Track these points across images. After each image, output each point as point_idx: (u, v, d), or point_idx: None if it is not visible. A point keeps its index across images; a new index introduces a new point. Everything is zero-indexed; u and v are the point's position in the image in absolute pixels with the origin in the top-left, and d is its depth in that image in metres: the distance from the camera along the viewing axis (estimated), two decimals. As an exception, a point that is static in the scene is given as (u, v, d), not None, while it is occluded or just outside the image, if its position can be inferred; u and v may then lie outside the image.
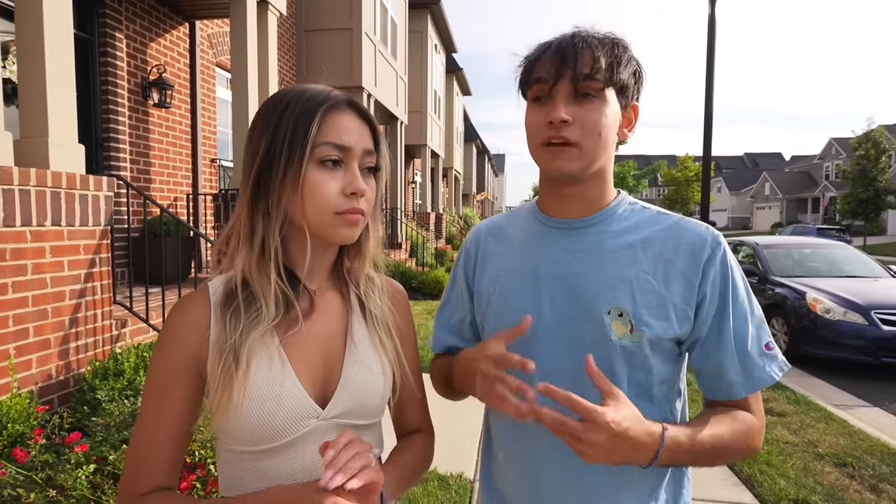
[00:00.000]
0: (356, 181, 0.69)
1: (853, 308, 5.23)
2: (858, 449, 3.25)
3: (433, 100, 14.57)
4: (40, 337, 2.52)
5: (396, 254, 10.01)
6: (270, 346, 0.68)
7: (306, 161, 0.67)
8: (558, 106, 0.74)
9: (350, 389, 0.73)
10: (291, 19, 8.03)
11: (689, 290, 0.77)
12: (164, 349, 0.69)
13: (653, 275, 0.77)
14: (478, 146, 33.21)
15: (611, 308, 0.76)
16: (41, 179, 2.45)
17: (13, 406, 2.09)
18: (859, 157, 25.36)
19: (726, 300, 0.77)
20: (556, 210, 0.84)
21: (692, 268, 0.77)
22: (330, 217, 0.69)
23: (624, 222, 0.82)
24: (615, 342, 0.76)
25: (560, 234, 0.83)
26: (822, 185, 39.60)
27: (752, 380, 0.78)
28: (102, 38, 4.61)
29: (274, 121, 0.69)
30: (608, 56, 0.75)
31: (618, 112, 0.78)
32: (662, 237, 0.80)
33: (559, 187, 0.82)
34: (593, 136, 0.75)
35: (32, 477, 1.66)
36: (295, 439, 0.68)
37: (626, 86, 0.78)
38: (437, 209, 16.31)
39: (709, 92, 6.03)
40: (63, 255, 2.63)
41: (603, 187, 0.83)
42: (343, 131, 0.69)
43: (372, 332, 0.77)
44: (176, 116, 5.49)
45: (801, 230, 25.74)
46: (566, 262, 0.81)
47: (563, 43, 0.76)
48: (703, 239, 0.79)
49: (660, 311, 0.76)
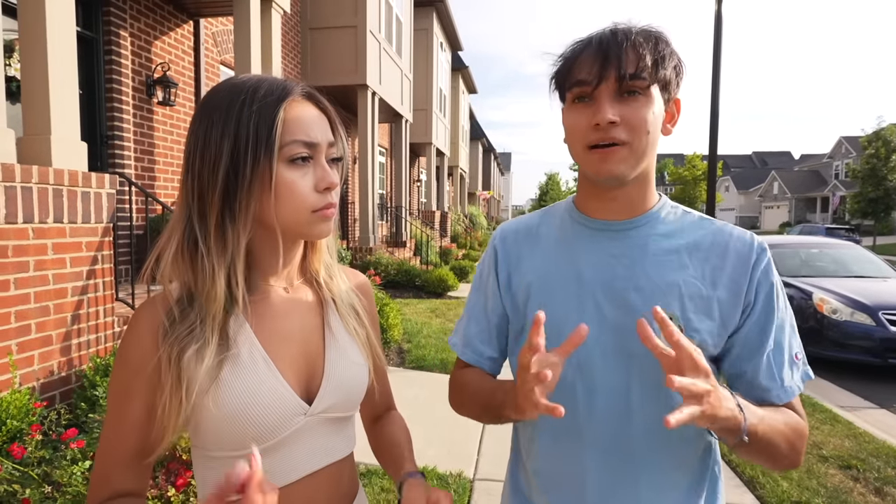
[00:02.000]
0: (328, 176, 0.68)
1: (861, 309, 5.17)
2: (864, 451, 3.21)
3: (438, 98, 14.54)
4: (42, 333, 2.54)
5: (401, 252, 10.01)
6: (250, 349, 0.67)
7: (276, 162, 0.64)
8: (604, 107, 0.71)
9: (335, 382, 0.72)
10: (296, 17, 8.03)
11: (737, 296, 0.76)
12: (123, 355, 0.66)
13: (700, 280, 0.76)
14: (483, 144, 33.16)
15: None
16: (43, 177, 2.46)
17: (12, 402, 2.11)
18: (869, 155, 25.09)
19: (770, 307, 0.77)
20: (598, 212, 0.81)
21: (740, 274, 0.76)
22: (307, 216, 0.67)
23: (668, 226, 0.80)
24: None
25: (602, 235, 0.80)
26: (832, 184, 39.20)
27: (783, 389, 0.77)
28: (107, 36, 4.63)
29: (233, 120, 0.64)
30: (652, 53, 0.72)
31: (662, 108, 0.76)
32: (708, 242, 0.79)
33: (604, 189, 0.79)
34: (642, 135, 0.72)
35: (29, 473, 1.67)
36: (282, 439, 0.68)
37: (669, 81, 0.75)
38: (442, 208, 16.30)
39: (714, 90, 5.98)
40: (65, 252, 2.64)
41: (647, 189, 0.80)
42: (308, 126, 0.67)
43: (346, 322, 0.77)
44: (180, 114, 5.51)
45: (809, 230, 25.48)
46: (610, 265, 0.78)
47: (604, 40, 0.73)
48: (750, 246, 0.78)
49: (708, 317, 0.75)
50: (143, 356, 0.65)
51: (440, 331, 5.87)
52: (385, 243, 10.28)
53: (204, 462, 0.69)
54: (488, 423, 0.86)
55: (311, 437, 0.70)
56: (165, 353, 0.64)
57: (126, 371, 0.66)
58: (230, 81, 0.68)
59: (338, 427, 0.75)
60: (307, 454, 0.70)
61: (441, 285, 8.47)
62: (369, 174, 8.47)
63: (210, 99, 0.68)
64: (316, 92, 0.71)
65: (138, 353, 0.65)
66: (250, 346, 0.67)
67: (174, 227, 0.68)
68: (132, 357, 0.65)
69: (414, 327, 5.90)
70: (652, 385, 0.75)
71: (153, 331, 0.65)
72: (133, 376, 0.65)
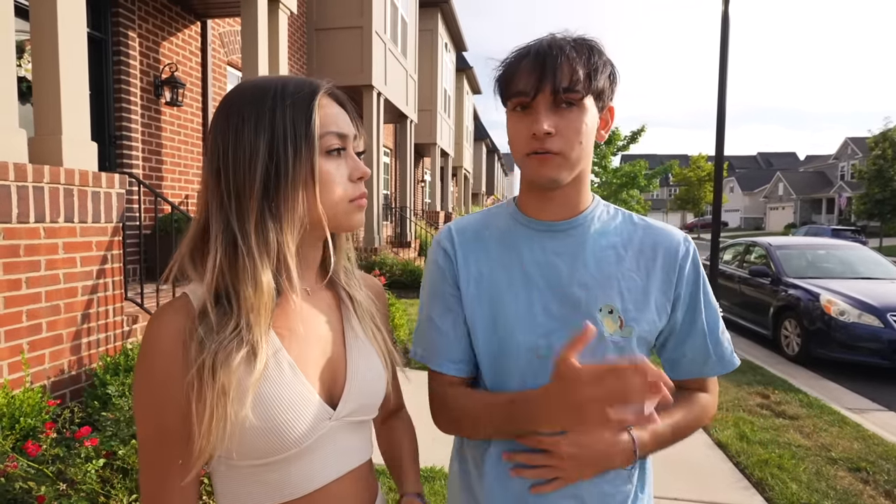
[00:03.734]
0: (360, 165, 0.70)
1: (868, 310, 5.14)
2: (873, 453, 3.20)
3: (443, 98, 14.55)
4: (53, 332, 2.56)
5: (405, 252, 10.02)
6: (276, 355, 0.65)
7: (316, 154, 0.65)
8: (540, 119, 0.76)
9: (358, 386, 0.72)
10: (302, 18, 8.06)
11: (668, 285, 0.84)
12: (147, 366, 0.61)
13: (636, 272, 0.83)
14: (487, 145, 33.14)
15: (602, 306, 0.80)
16: (54, 176, 2.48)
17: (25, 400, 2.12)
18: (876, 156, 24.94)
19: (698, 294, 0.86)
20: (538, 212, 0.86)
21: (670, 265, 0.84)
22: (345, 206, 0.68)
23: (604, 225, 0.86)
24: (607, 339, 0.80)
25: (544, 235, 0.85)
26: (838, 185, 38.98)
27: (723, 362, 0.87)
28: (116, 37, 4.66)
29: (266, 117, 0.64)
30: (586, 66, 0.76)
31: (596, 117, 0.80)
32: (640, 237, 0.86)
33: (543, 191, 0.84)
34: (575, 145, 0.77)
35: (43, 470, 1.69)
36: (309, 445, 0.66)
37: (603, 90, 0.79)
38: (446, 208, 16.30)
39: (722, 90, 5.95)
40: (76, 251, 2.66)
41: (583, 190, 0.86)
42: (338, 119, 0.69)
43: (365, 326, 0.77)
44: (187, 115, 5.54)
45: (815, 231, 25.37)
46: (553, 263, 0.83)
47: (540, 52, 0.77)
48: (678, 240, 0.86)
49: (645, 307, 0.82)
50: (171, 365, 0.61)
51: (445, 331, 5.87)
52: (390, 243, 10.29)
53: (226, 471, 0.66)
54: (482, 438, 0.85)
55: (334, 441, 0.70)
56: (209, 360, 0.59)
57: (153, 383, 0.61)
58: (253, 82, 0.68)
59: (358, 430, 0.74)
60: (332, 459, 0.69)
61: (446, 286, 8.45)
62: (374, 174, 8.49)
63: (236, 98, 0.66)
64: (336, 89, 0.72)
65: (164, 363, 0.61)
66: (276, 350, 0.65)
67: (205, 230, 0.66)
68: (158, 367, 0.61)
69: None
70: None
71: (178, 337, 0.61)
72: (161, 388, 0.61)
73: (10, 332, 2.33)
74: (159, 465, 0.62)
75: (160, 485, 0.62)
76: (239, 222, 0.64)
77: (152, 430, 0.62)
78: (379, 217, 8.74)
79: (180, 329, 0.62)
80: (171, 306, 0.65)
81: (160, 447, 0.62)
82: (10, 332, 2.33)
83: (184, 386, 0.60)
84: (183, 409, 0.60)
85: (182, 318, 0.63)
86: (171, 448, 0.62)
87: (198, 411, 0.59)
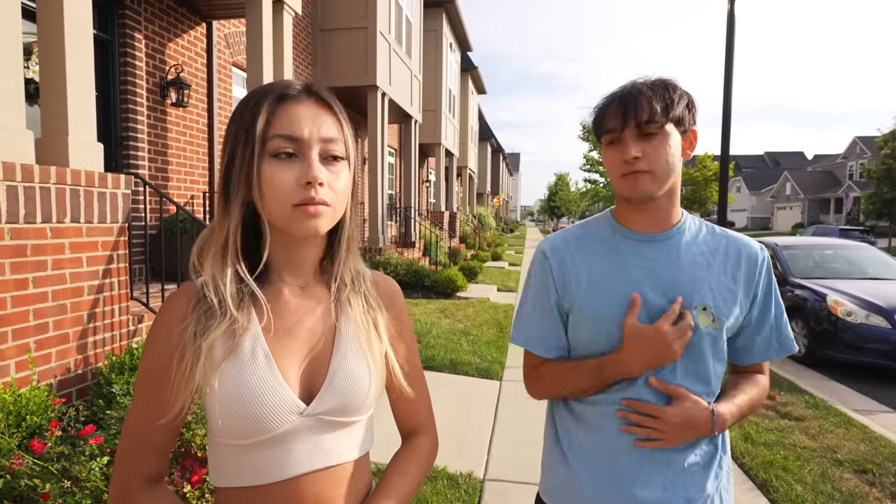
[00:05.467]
0: (310, 170, 0.67)
1: (876, 311, 5.09)
2: (879, 455, 3.17)
3: (448, 98, 14.55)
4: (59, 331, 2.58)
5: (410, 252, 10.03)
6: (253, 343, 0.70)
7: (257, 155, 0.68)
8: (629, 148, 0.94)
9: (336, 387, 0.72)
10: (307, 19, 8.09)
11: (749, 286, 1.01)
12: (152, 343, 0.71)
13: (724, 275, 0.99)
14: (492, 145, 33.11)
15: (697, 304, 0.96)
16: (61, 177, 2.51)
17: (32, 398, 2.14)
18: (885, 156, 24.64)
19: (770, 294, 1.03)
20: (637, 224, 1.02)
21: (751, 270, 1.01)
22: (289, 210, 0.68)
23: (693, 236, 1.03)
24: (703, 331, 0.96)
25: (643, 245, 1.01)
26: (846, 184, 38.62)
27: (784, 348, 1.05)
28: (122, 38, 4.69)
29: (236, 121, 0.71)
30: (661, 100, 0.94)
31: (678, 139, 0.97)
32: (724, 247, 1.02)
33: (638, 206, 1.00)
34: (661, 164, 0.94)
35: (48, 468, 1.70)
36: (279, 435, 0.68)
37: (682, 117, 0.96)
38: (451, 208, 16.30)
39: (727, 89, 5.91)
40: (82, 251, 2.69)
41: (674, 205, 1.01)
42: (295, 122, 0.68)
43: (360, 330, 0.76)
44: (193, 116, 5.57)
45: (822, 231, 25.15)
46: (652, 268, 0.99)
47: (623, 95, 0.96)
48: (757, 250, 1.03)
49: (732, 304, 0.98)
50: (171, 342, 0.69)
51: (449, 331, 5.87)
52: (394, 244, 10.31)
53: (213, 447, 0.73)
54: (570, 397, 1.06)
55: (310, 436, 0.71)
56: (191, 329, 0.68)
57: (155, 356, 0.70)
58: (254, 89, 0.74)
59: (343, 431, 0.74)
60: (307, 453, 0.71)
61: (450, 286, 8.47)
62: (378, 175, 8.51)
63: (240, 103, 0.73)
64: (322, 89, 0.72)
65: (166, 339, 0.70)
66: (254, 339, 0.70)
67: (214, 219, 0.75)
68: (160, 343, 0.70)
69: (423, 328, 5.91)
70: (690, 361, 0.98)
71: (180, 317, 0.70)
72: (161, 361, 0.69)
73: (18, 332, 2.35)
74: (143, 432, 0.71)
75: (137, 451, 0.72)
76: (218, 218, 0.72)
77: (144, 399, 0.71)
78: (384, 217, 8.75)
79: (182, 309, 0.71)
80: (179, 290, 0.74)
81: (148, 415, 0.71)
82: (18, 332, 2.35)
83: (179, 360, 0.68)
84: (172, 365, 0.69)
85: (183, 302, 0.72)
86: (158, 418, 0.70)
87: (178, 368, 0.68)
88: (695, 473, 0.99)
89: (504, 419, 3.58)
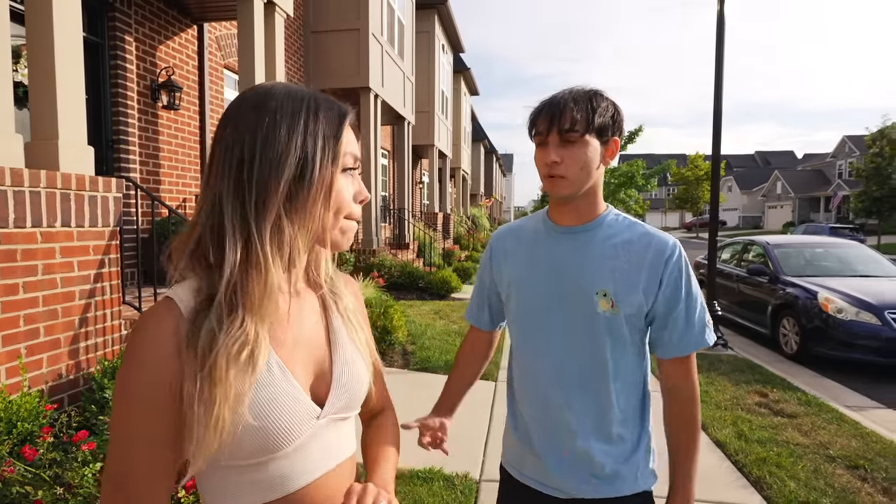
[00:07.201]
0: (364, 190, 0.75)
1: (866, 308, 5.15)
2: (871, 451, 3.20)
3: (440, 100, 14.56)
4: (51, 336, 2.56)
5: (404, 254, 10.02)
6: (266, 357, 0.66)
7: (339, 169, 0.70)
8: (550, 152, 1.05)
9: (344, 385, 0.74)
10: (299, 21, 8.07)
11: (655, 277, 1.07)
12: (137, 365, 0.60)
13: (628, 266, 1.07)
14: (485, 146, 33.15)
15: (599, 289, 1.07)
16: (51, 181, 2.48)
17: (23, 405, 2.12)
18: (874, 154, 24.92)
19: (679, 288, 1.08)
20: (560, 219, 1.15)
21: (657, 262, 1.07)
22: (337, 223, 0.72)
23: (609, 229, 1.12)
24: (600, 314, 1.07)
25: (564, 236, 1.14)
26: (836, 183, 39.01)
27: (692, 342, 1.10)
28: (112, 41, 4.66)
29: (300, 125, 0.66)
30: (584, 111, 1.03)
31: (598, 147, 1.06)
32: (636, 239, 1.10)
33: (560, 204, 1.13)
34: (577, 171, 1.05)
35: (40, 475, 1.69)
36: (299, 443, 0.68)
37: (604, 127, 1.05)
38: (444, 209, 16.30)
39: (718, 89, 5.96)
40: (73, 255, 2.66)
41: (593, 203, 1.12)
42: (353, 142, 0.74)
43: (348, 326, 0.79)
44: (185, 118, 5.54)
45: (813, 229, 25.38)
46: (566, 256, 1.12)
47: (552, 104, 1.06)
48: (666, 243, 1.09)
49: (633, 292, 1.06)
50: (164, 365, 0.60)
51: (444, 332, 5.87)
52: (388, 245, 10.29)
53: (212, 471, 0.66)
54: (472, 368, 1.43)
55: (323, 438, 0.72)
56: (219, 360, 0.59)
57: (141, 384, 0.59)
58: (284, 86, 0.70)
59: (342, 427, 0.76)
60: (318, 456, 0.71)
61: (444, 287, 8.47)
62: (372, 176, 8.49)
63: (267, 98, 0.67)
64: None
65: (156, 363, 0.59)
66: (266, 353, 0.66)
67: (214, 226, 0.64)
68: (148, 367, 0.59)
69: (418, 329, 5.91)
70: (586, 339, 1.10)
71: (173, 336, 0.61)
72: (155, 389, 0.59)
73: (8, 337, 2.33)
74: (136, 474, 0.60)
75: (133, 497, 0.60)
76: (257, 220, 0.63)
77: (135, 434, 0.60)
78: (377, 219, 8.74)
79: (174, 327, 0.61)
80: (154, 313, 0.62)
81: (140, 452, 0.60)
82: (8, 337, 2.33)
83: (175, 392, 0.60)
84: (178, 413, 0.60)
85: (171, 323, 0.61)
86: (157, 456, 0.61)
87: (199, 413, 0.58)
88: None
89: (500, 420, 3.58)
